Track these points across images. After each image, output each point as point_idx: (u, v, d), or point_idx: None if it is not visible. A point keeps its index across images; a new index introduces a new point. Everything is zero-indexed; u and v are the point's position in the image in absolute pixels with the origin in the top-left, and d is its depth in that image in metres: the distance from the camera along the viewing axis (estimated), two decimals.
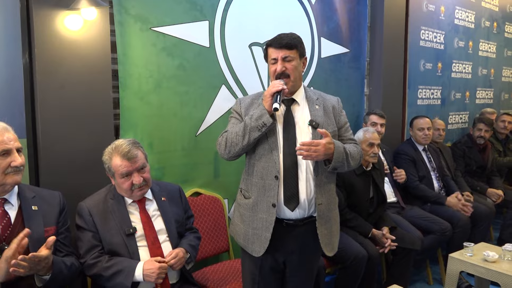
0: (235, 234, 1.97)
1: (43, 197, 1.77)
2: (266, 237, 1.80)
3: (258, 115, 1.76)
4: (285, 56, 1.82)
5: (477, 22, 4.86)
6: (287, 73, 1.82)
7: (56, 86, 2.03)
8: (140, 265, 1.75)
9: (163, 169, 2.46)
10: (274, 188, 1.78)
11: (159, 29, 2.40)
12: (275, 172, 1.78)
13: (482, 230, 3.38)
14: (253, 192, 1.85)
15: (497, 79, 5.37)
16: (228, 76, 2.72)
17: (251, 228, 1.85)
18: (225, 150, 1.82)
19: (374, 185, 2.80)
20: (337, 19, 3.39)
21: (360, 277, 2.52)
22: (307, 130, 1.83)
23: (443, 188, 3.53)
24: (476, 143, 3.97)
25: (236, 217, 1.96)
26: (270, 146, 1.80)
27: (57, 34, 2.02)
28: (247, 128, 1.76)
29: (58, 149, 2.05)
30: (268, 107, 1.75)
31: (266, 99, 1.76)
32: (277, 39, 1.84)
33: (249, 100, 1.93)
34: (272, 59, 1.84)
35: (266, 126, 1.75)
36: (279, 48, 1.82)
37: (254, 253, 1.84)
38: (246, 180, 1.91)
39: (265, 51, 1.90)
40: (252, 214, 1.84)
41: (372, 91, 3.75)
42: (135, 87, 2.32)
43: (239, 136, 1.77)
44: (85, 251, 1.80)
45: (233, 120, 1.91)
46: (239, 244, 1.94)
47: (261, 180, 1.81)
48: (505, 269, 2.37)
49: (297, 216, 1.83)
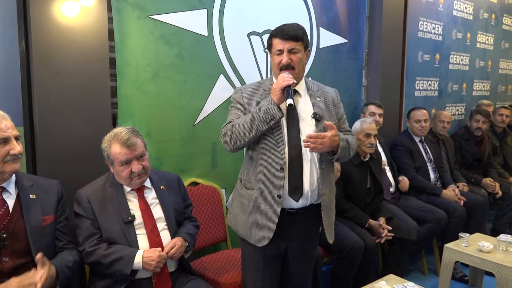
0: (234, 225, 1.97)
1: (41, 185, 1.76)
2: (271, 227, 1.81)
3: (266, 108, 1.74)
4: (292, 48, 1.81)
5: (475, 14, 4.85)
6: (292, 65, 1.82)
7: (53, 73, 2.00)
8: (140, 253, 1.76)
9: (161, 159, 2.45)
10: (280, 180, 1.79)
11: (157, 17, 2.37)
12: (281, 163, 1.78)
13: (477, 220, 3.41)
14: (257, 183, 1.84)
15: (494, 71, 5.38)
16: (227, 65, 2.70)
17: (255, 219, 1.85)
18: (231, 142, 1.80)
19: (371, 175, 2.82)
20: (336, 9, 3.37)
21: (356, 266, 2.54)
22: (311, 122, 1.85)
23: (439, 179, 3.55)
24: (473, 135, 3.98)
25: (236, 207, 1.96)
26: (275, 138, 1.80)
27: (54, 20, 1.99)
28: (254, 121, 1.74)
29: (55, 137, 2.03)
30: (278, 100, 1.74)
31: (276, 92, 1.75)
32: (283, 29, 1.82)
33: (250, 90, 1.91)
34: (277, 50, 1.83)
35: (274, 119, 1.74)
36: (285, 40, 1.80)
37: (258, 243, 1.85)
38: (248, 171, 1.90)
39: (269, 41, 1.88)
40: (256, 205, 1.84)
41: (370, 82, 3.74)
42: (133, 76, 2.30)
43: (246, 129, 1.75)
44: (83, 239, 1.80)
45: (235, 110, 1.89)
46: (240, 234, 1.95)
47: (266, 171, 1.81)
48: (500, 260, 2.40)
49: (299, 205, 1.86)
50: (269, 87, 1.88)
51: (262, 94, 1.87)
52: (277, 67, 1.83)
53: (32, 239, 1.62)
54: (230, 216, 2.02)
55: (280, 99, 1.75)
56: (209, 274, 2.24)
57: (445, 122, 3.76)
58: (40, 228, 1.66)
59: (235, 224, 1.97)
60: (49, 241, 1.70)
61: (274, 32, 1.85)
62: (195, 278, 1.98)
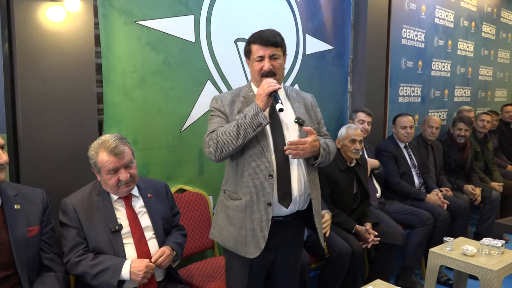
0: (221, 238, 1.89)
1: (25, 195, 1.72)
2: (262, 236, 1.77)
3: (252, 114, 1.70)
4: (273, 54, 1.80)
5: (456, 22, 4.96)
6: (273, 71, 1.81)
7: (38, 79, 1.97)
8: (128, 263, 1.73)
9: (148, 166, 2.42)
10: (269, 187, 1.76)
11: (144, 23, 2.35)
12: (269, 171, 1.75)
13: (460, 224, 3.46)
14: (244, 192, 1.79)
15: (474, 78, 5.50)
16: (214, 71, 2.70)
17: (244, 230, 1.79)
18: (216, 152, 1.74)
19: (357, 181, 2.84)
20: (322, 16, 3.40)
21: (344, 272, 2.55)
22: (293, 127, 1.85)
23: (423, 185, 3.61)
24: (455, 142, 4.05)
25: (222, 220, 1.89)
26: (261, 145, 1.77)
27: (39, 25, 1.96)
28: (241, 128, 1.70)
29: (40, 144, 1.99)
30: (263, 106, 1.72)
31: (262, 97, 1.72)
32: (262, 36, 1.80)
33: (230, 97, 1.87)
34: (258, 57, 1.81)
35: (261, 126, 1.71)
36: (266, 46, 1.79)
37: (249, 254, 1.79)
38: (233, 181, 1.85)
39: (248, 48, 1.85)
40: (245, 215, 1.79)
41: (355, 88, 3.78)
42: (119, 82, 2.28)
43: (232, 137, 1.71)
44: (69, 249, 1.76)
45: (216, 119, 1.84)
46: (228, 247, 1.87)
47: (254, 180, 1.77)
48: (483, 263, 2.44)
49: (287, 212, 1.84)
50: (249, 94, 1.86)
51: (243, 101, 1.84)
52: (258, 74, 1.82)
53: (16, 251, 1.58)
54: (215, 229, 1.94)
55: (266, 105, 1.73)
56: (197, 282, 2.22)
57: (434, 127, 3.79)
58: (25, 240, 1.62)
59: (222, 237, 1.89)
60: (33, 253, 1.66)
61: (252, 39, 1.83)
62: (183, 286, 1.95)
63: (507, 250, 2.63)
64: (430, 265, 2.66)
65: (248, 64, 1.91)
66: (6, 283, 1.55)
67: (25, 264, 1.60)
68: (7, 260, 1.57)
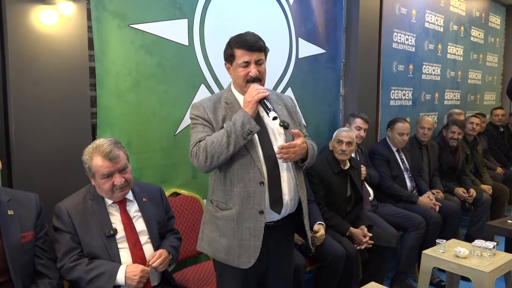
0: (211, 250, 1.82)
1: (18, 200, 1.70)
2: (256, 245, 1.72)
3: (242, 122, 1.64)
4: (258, 59, 1.75)
5: (446, 26, 5.03)
6: (259, 77, 1.75)
7: (31, 82, 1.95)
8: (123, 268, 1.72)
9: (142, 170, 2.41)
10: (261, 195, 1.71)
11: (138, 26, 2.35)
12: (260, 178, 1.71)
13: (452, 227, 3.50)
14: (235, 202, 1.73)
15: (464, 81, 5.58)
16: (208, 75, 2.70)
17: (236, 240, 1.73)
18: (206, 162, 1.67)
19: (351, 184, 2.85)
20: (314, 20, 3.42)
21: (339, 274, 2.55)
22: (279, 131, 1.82)
23: (415, 188, 3.64)
24: (448, 145, 4.09)
25: (211, 231, 1.81)
26: (249, 153, 1.72)
27: (31, 29, 1.94)
28: (231, 137, 1.64)
29: (33, 148, 1.97)
30: (253, 113, 1.67)
31: (251, 105, 1.68)
32: (247, 40, 1.73)
33: (211, 104, 1.79)
34: (244, 62, 1.73)
35: (252, 134, 1.67)
36: (252, 51, 1.73)
37: (242, 265, 1.73)
38: (222, 191, 1.78)
39: (230, 52, 1.76)
40: (237, 226, 1.73)
41: (347, 91, 3.81)
42: (113, 85, 2.26)
43: (222, 146, 1.64)
44: (63, 254, 1.74)
45: (201, 127, 1.75)
46: (219, 259, 1.79)
47: (245, 188, 1.71)
48: (475, 265, 2.47)
49: (279, 217, 1.81)
50: (231, 99, 1.80)
51: (226, 108, 1.78)
52: (243, 80, 1.75)
53: (10, 257, 1.55)
54: (203, 241, 1.86)
55: (255, 112, 1.69)
56: (192, 286, 2.21)
57: (426, 128, 3.79)
58: (19, 245, 1.59)
59: (212, 249, 1.81)
60: (28, 259, 1.64)
61: (236, 44, 1.75)
62: None
63: (498, 252, 2.66)
64: (423, 267, 2.68)
65: (229, 68, 1.82)
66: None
67: (19, 271, 1.57)
68: (1, 266, 1.55)
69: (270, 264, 1.87)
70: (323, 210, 2.74)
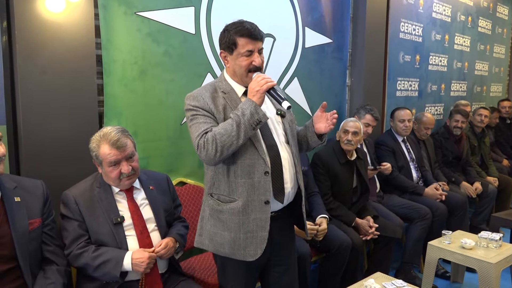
0: (212, 245, 1.79)
1: (25, 187, 1.70)
2: (263, 236, 1.71)
3: (251, 112, 1.60)
4: (261, 49, 1.73)
5: (453, 16, 4.97)
6: (260, 66, 1.73)
7: (38, 70, 1.94)
8: (129, 255, 1.72)
9: (148, 159, 2.41)
10: (266, 184, 1.70)
11: (144, 14, 2.33)
12: (265, 168, 1.69)
13: (457, 219, 3.49)
14: (240, 193, 1.70)
15: (470, 72, 5.52)
16: (214, 64, 2.68)
17: (242, 233, 1.71)
18: (216, 154, 1.61)
19: (357, 174, 2.85)
20: (321, 10, 3.39)
21: (344, 265, 2.56)
22: (277, 119, 1.81)
23: (421, 179, 3.62)
24: (452, 134, 4.07)
25: (213, 226, 1.78)
26: (252, 142, 1.69)
27: (38, 16, 1.92)
28: (240, 127, 1.60)
29: (40, 136, 1.97)
30: (260, 103, 1.64)
31: (259, 94, 1.63)
32: (250, 29, 1.69)
33: (208, 94, 1.73)
34: (247, 51, 1.69)
35: (261, 123, 1.64)
36: (256, 40, 1.70)
37: (248, 257, 1.72)
38: (225, 183, 1.74)
39: (233, 40, 1.70)
40: (243, 217, 1.70)
41: (354, 82, 3.78)
42: (119, 73, 2.26)
43: (232, 137, 1.60)
44: (71, 241, 1.75)
45: (203, 118, 1.69)
46: (222, 253, 1.77)
47: (250, 179, 1.69)
48: (481, 256, 2.47)
49: (281, 206, 1.81)
50: (228, 89, 1.76)
51: (224, 97, 1.73)
52: (246, 69, 1.72)
53: (18, 244, 1.56)
54: (203, 237, 1.82)
55: (262, 102, 1.66)
56: (199, 275, 2.21)
57: (429, 129, 3.78)
58: (26, 232, 1.60)
59: (214, 244, 1.78)
60: (35, 245, 1.65)
61: (239, 32, 1.69)
62: (186, 279, 1.95)
63: (504, 243, 2.66)
64: (428, 258, 2.68)
65: (225, 56, 1.77)
66: (9, 276, 1.53)
67: (27, 257, 1.58)
68: (9, 253, 1.55)
69: (272, 254, 1.86)
70: (328, 201, 2.74)
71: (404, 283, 2.05)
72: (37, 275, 1.63)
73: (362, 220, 2.75)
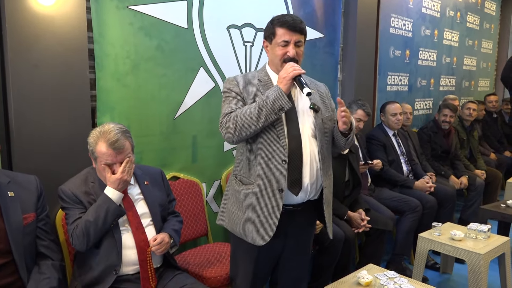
0: (230, 224, 1.87)
1: (18, 182, 1.69)
2: (272, 223, 1.75)
3: (274, 97, 1.66)
4: (298, 41, 1.77)
5: (442, 11, 5.02)
6: (296, 58, 1.77)
7: (30, 64, 1.92)
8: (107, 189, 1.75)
9: (141, 153, 2.40)
10: (282, 173, 1.73)
11: (136, 8, 2.31)
12: (283, 156, 1.73)
13: (446, 211, 3.55)
14: (257, 177, 1.77)
15: (459, 67, 5.60)
16: (207, 58, 2.67)
17: (253, 216, 1.77)
18: (235, 133, 1.70)
19: (350, 168, 2.87)
20: (313, 4, 3.40)
21: (338, 257, 2.59)
22: (309, 113, 1.82)
23: (411, 172, 3.67)
24: (441, 128, 4.13)
25: (232, 205, 1.87)
26: (276, 130, 1.74)
27: (29, 9, 1.90)
28: (262, 111, 1.66)
29: (32, 131, 1.95)
30: (286, 90, 1.69)
31: (286, 81, 1.68)
32: (290, 21, 1.75)
33: (244, 79, 1.83)
34: (283, 41, 1.76)
35: (283, 110, 1.68)
36: (294, 31, 1.75)
37: (257, 241, 1.77)
38: (246, 166, 1.82)
39: (272, 30, 1.79)
40: (256, 201, 1.77)
41: (345, 76, 3.81)
42: (112, 68, 2.24)
43: (253, 119, 1.67)
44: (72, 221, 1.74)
45: (232, 100, 1.79)
46: (237, 233, 1.85)
47: (266, 164, 1.75)
48: (470, 247, 2.52)
49: (298, 201, 1.81)
50: (265, 78, 1.84)
51: (258, 85, 1.81)
52: (280, 59, 1.78)
53: (12, 239, 1.55)
54: (224, 215, 1.91)
55: (288, 89, 1.71)
56: (193, 268, 2.22)
57: (408, 113, 3.86)
58: (20, 227, 1.59)
59: (231, 223, 1.86)
60: (30, 240, 1.64)
61: (278, 22, 1.77)
62: (181, 273, 1.96)
63: (493, 234, 2.72)
64: (419, 249, 2.73)
65: (266, 46, 1.85)
66: (4, 270, 1.53)
67: (22, 252, 1.58)
68: (4, 248, 1.55)
69: (286, 247, 1.90)
70: None
71: (396, 274, 2.09)
72: (32, 270, 1.63)
73: (354, 213, 2.79)
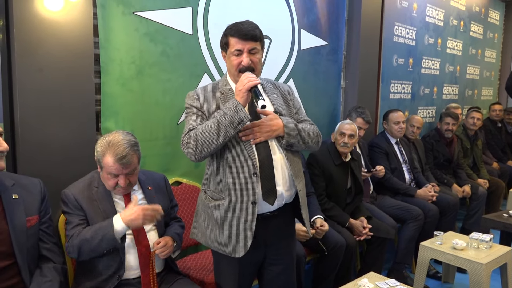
0: (204, 239, 1.83)
1: (23, 185, 1.70)
2: (248, 236, 1.71)
3: (232, 111, 1.61)
4: (252, 48, 1.72)
5: (446, 20, 5.04)
6: (252, 66, 1.72)
7: (36, 68, 1.94)
8: (117, 216, 1.72)
9: (144, 158, 2.39)
10: (253, 186, 1.69)
11: (142, 14, 2.34)
12: (253, 169, 1.68)
13: (448, 220, 3.54)
14: (227, 192, 1.71)
15: (462, 76, 5.60)
16: (211, 64, 2.70)
17: (228, 230, 1.73)
18: (196, 151, 1.66)
19: (352, 176, 2.88)
20: (317, 12, 3.42)
21: (338, 265, 2.59)
22: None
23: (413, 180, 3.67)
24: (443, 137, 4.13)
25: (204, 220, 1.82)
26: (242, 143, 1.70)
27: (37, 14, 1.92)
28: (221, 125, 1.62)
29: (37, 134, 1.97)
30: (244, 102, 1.64)
31: (242, 93, 1.64)
32: (241, 29, 1.71)
33: (206, 93, 1.78)
34: (236, 51, 1.72)
35: (243, 123, 1.64)
36: (245, 40, 1.70)
37: (235, 254, 1.74)
38: (214, 181, 1.77)
39: (225, 40, 1.75)
40: (229, 215, 1.72)
41: (348, 84, 3.82)
42: (117, 73, 2.26)
43: (212, 135, 1.62)
44: (72, 227, 1.76)
45: (193, 116, 1.75)
46: (212, 247, 1.82)
47: (237, 179, 1.69)
48: (472, 256, 2.51)
49: (275, 207, 1.78)
50: (226, 89, 1.80)
51: (220, 97, 1.76)
52: (236, 69, 1.74)
53: (16, 241, 1.56)
54: (196, 230, 1.87)
55: (246, 101, 1.66)
56: (194, 273, 2.23)
57: (415, 127, 3.81)
58: (24, 229, 1.60)
59: (205, 238, 1.82)
60: (33, 242, 1.65)
61: (230, 31, 1.73)
62: (182, 278, 1.96)
63: (495, 244, 2.71)
64: (420, 258, 2.72)
65: (224, 57, 1.81)
66: (6, 273, 1.53)
67: (25, 254, 1.58)
68: (7, 250, 1.55)
69: (268, 253, 1.87)
70: (323, 201, 2.76)
71: (397, 283, 2.08)
72: (34, 273, 1.63)
73: (356, 221, 2.78)
